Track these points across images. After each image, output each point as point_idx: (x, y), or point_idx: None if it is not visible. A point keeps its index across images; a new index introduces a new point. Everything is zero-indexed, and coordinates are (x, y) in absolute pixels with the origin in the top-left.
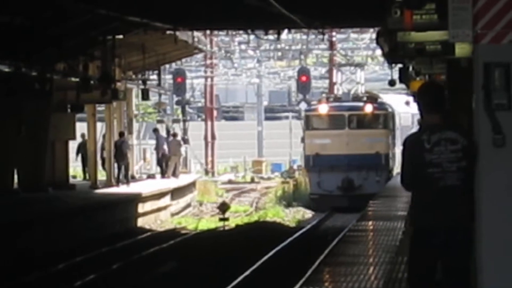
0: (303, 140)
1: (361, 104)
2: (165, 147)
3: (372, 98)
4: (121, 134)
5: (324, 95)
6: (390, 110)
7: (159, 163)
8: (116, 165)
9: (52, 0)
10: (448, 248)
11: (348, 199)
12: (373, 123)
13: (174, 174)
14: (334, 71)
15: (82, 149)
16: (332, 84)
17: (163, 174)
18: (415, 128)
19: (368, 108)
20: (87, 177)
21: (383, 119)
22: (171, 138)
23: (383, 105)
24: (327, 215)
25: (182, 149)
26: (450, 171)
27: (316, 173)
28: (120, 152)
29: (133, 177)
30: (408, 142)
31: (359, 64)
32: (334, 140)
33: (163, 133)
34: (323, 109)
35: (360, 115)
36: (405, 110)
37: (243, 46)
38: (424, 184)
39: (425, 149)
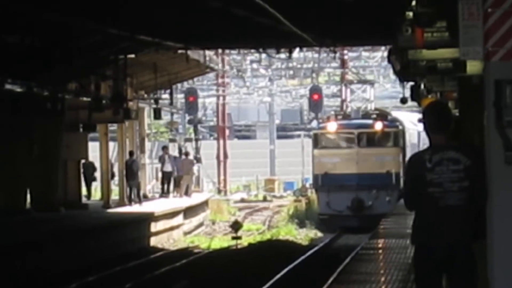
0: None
1: (371, 121)
2: (169, 165)
3: (382, 115)
4: (131, 154)
5: (332, 112)
6: (400, 127)
7: (161, 182)
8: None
9: (63, 20)
10: (450, 265)
11: (358, 220)
12: (383, 141)
13: (187, 193)
14: (343, 88)
15: (85, 169)
16: (343, 102)
17: (163, 192)
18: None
19: (378, 126)
20: (91, 196)
21: (394, 136)
22: (183, 157)
23: (393, 122)
24: (338, 234)
25: (195, 168)
26: (451, 191)
27: (325, 193)
28: (131, 172)
29: (145, 196)
30: (411, 161)
31: (369, 81)
32: (344, 159)
33: (175, 152)
34: (332, 127)
35: (370, 133)
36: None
37: (254, 65)
38: (425, 204)
39: (426, 168)
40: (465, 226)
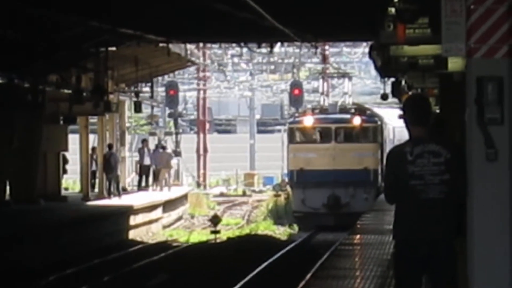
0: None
1: (349, 116)
2: (148, 158)
3: (360, 110)
4: (110, 147)
5: (309, 106)
6: (379, 122)
7: (139, 175)
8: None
9: (44, 13)
10: (432, 261)
11: (334, 218)
12: (361, 137)
13: (166, 186)
14: (321, 82)
15: None
16: (321, 95)
17: (140, 186)
18: None
19: (357, 121)
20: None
21: (372, 132)
22: (160, 150)
23: (372, 117)
24: (313, 233)
25: (173, 162)
26: (432, 184)
27: (300, 190)
28: (109, 165)
29: (124, 189)
30: (391, 154)
31: (346, 74)
32: (320, 155)
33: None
34: (308, 121)
35: (348, 128)
36: (398, 123)
37: (236, 59)
38: (406, 197)
39: (407, 161)
40: (446, 221)
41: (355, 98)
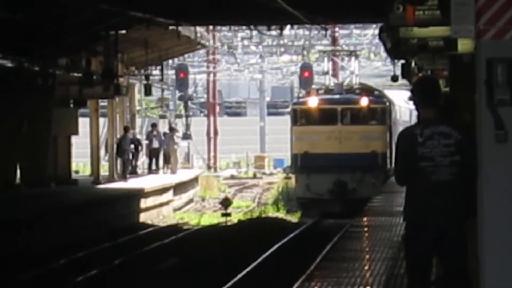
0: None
1: (355, 97)
2: (156, 142)
3: (367, 90)
4: (125, 129)
5: (314, 86)
6: (388, 103)
7: (149, 158)
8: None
9: None
10: (442, 243)
11: (339, 204)
12: (369, 118)
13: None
14: (325, 61)
15: None
16: (325, 74)
17: (150, 169)
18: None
19: (364, 102)
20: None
21: (381, 113)
22: (169, 133)
23: (380, 98)
24: (318, 219)
25: (183, 144)
26: (443, 165)
27: (305, 174)
28: (120, 148)
29: (133, 173)
30: (401, 136)
31: (353, 52)
32: (325, 137)
33: (165, 128)
34: (313, 102)
35: (355, 109)
36: (406, 104)
37: (245, 42)
38: (417, 178)
39: (417, 142)
40: (456, 202)
41: (365, 80)
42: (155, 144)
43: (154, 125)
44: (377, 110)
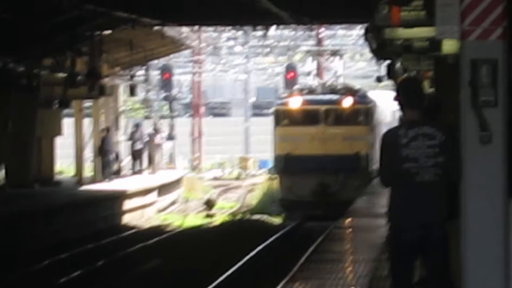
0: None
1: (339, 97)
2: (139, 143)
3: (351, 90)
4: (107, 130)
5: (296, 86)
6: (371, 104)
7: (132, 159)
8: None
9: None
10: (425, 243)
11: (323, 207)
12: (353, 119)
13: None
14: (309, 60)
15: None
16: (308, 74)
17: (134, 170)
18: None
19: (347, 102)
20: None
21: (364, 114)
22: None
23: (364, 98)
24: (300, 222)
25: (162, 144)
26: (426, 167)
27: (287, 176)
28: (102, 148)
29: (116, 173)
30: (386, 137)
31: (336, 51)
32: (308, 139)
33: (149, 129)
34: (295, 102)
35: (338, 110)
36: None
37: (231, 42)
38: (401, 179)
39: (402, 143)
40: (440, 203)
41: (350, 81)
42: (138, 145)
43: (137, 126)
44: (360, 111)
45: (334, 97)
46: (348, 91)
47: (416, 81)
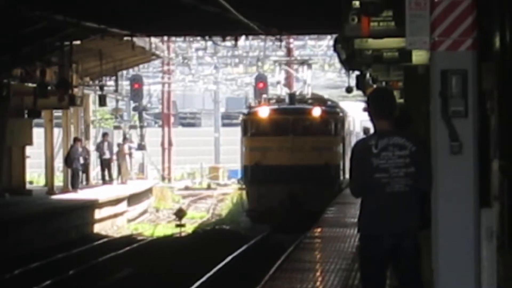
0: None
1: (308, 107)
2: (108, 152)
3: (320, 100)
4: (75, 140)
5: (264, 96)
6: (341, 114)
7: (101, 169)
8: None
9: (9, 7)
10: (396, 253)
11: (291, 217)
12: (321, 129)
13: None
14: (277, 70)
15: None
16: (277, 84)
17: (104, 179)
18: None
19: (316, 112)
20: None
21: (334, 124)
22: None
23: (333, 108)
24: (268, 234)
25: (132, 154)
26: (397, 177)
27: (255, 187)
28: (69, 158)
29: (86, 182)
30: (356, 147)
31: (305, 62)
32: (276, 149)
33: (119, 139)
34: (263, 112)
35: (307, 120)
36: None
37: (200, 53)
38: (371, 190)
39: (372, 154)
40: (411, 213)
41: (319, 91)
42: (107, 155)
43: (105, 135)
44: (330, 121)
45: (303, 107)
46: (317, 101)
47: (387, 91)
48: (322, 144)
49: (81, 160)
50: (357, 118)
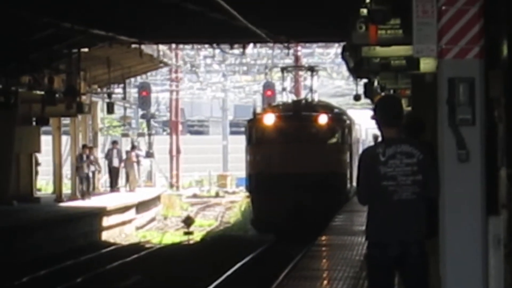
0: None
1: (314, 114)
2: (116, 160)
3: (327, 107)
4: (83, 147)
5: (270, 103)
6: (348, 122)
7: (110, 177)
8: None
9: (16, 14)
10: (404, 261)
11: (297, 227)
12: (328, 137)
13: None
14: (284, 76)
15: None
16: (283, 90)
17: (112, 187)
18: None
19: (323, 120)
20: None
21: (340, 132)
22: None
23: (340, 116)
24: (273, 244)
25: (140, 161)
26: (405, 185)
27: (259, 196)
28: (78, 166)
29: (93, 190)
30: (364, 155)
31: (311, 68)
32: (281, 157)
33: (127, 146)
34: (269, 119)
35: (313, 127)
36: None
37: (208, 60)
38: (379, 198)
39: (380, 162)
40: (418, 221)
41: (327, 99)
42: (115, 163)
43: (114, 143)
44: (336, 129)
45: (309, 114)
46: (324, 108)
47: (394, 98)
48: (328, 152)
49: (90, 168)
50: (364, 126)
